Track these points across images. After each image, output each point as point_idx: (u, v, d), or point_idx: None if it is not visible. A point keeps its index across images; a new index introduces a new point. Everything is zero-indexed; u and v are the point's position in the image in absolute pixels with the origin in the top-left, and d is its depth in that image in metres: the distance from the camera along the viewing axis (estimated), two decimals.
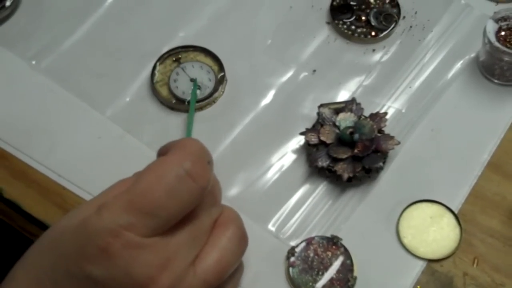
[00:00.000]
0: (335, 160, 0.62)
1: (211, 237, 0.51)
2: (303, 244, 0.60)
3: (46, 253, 0.51)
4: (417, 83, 0.68)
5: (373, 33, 0.70)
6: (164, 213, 0.47)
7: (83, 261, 0.47)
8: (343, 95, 0.68)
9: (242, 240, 0.53)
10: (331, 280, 0.58)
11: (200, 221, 0.51)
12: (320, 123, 0.64)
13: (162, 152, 0.53)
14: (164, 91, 0.67)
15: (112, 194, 0.49)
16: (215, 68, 0.68)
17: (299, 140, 0.65)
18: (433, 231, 0.60)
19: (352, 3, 0.71)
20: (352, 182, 0.62)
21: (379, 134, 0.63)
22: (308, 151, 0.64)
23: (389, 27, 0.70)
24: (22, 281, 0.51)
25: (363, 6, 0.71)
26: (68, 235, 0.49)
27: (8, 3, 0.71)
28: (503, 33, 0.65)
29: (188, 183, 0.48)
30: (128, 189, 0.48)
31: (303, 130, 0.64)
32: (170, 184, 0.48)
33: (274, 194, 0.63)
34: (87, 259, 0.47)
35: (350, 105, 0.64)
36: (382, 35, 0.70)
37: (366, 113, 0.64)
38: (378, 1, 0.72)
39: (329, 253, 0.60)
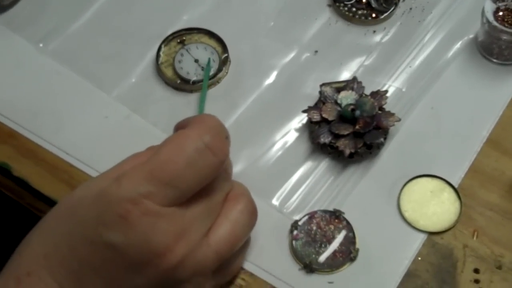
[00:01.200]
0: (337, 137, 0.62)
1: (223, 210, 0.53)
2: (306, 217, 0.61)
3: (63, 220, 0.51)
4: (417, 62, 0.69)
5: (373, 15, 0.71)
6: (183, 184, 0.49)
7: (102, 227, 0.48)
8: (344, 75, 0.68)
9: (252, 214, 0.55)
10: (334, 252, 0.59)
11: (214, 194, 0.52)
12: (322, 101, 0.65)
13: (180, 126, 0.54)
14: (169, 72, 0.68)
15: (128, 166, 0.50)
16: (219, 49, 0.69)
17: (302, 118, 0.66)
18: (433, 205, 0.61)
19: None
20: (353, 158, 0.63)
21: (380, 111, 0.63)
22: (311, 128, 0.65)
23: (390, 9, 0.71)
24: (38, 246, 0.52)
25: None
26: (87, 203, 0.50)
27: None
28: (501, 13, 0.66)
29: (207, 156, 0.49)
30: (148, 160, 0.49)
31: (306, 108, 0.64)
32: (190, 156, 0.49)
33: (277, 170, 0.63)
34: (106, 225, 0.48)
35: (351, 83, 0.65)
36: (382, 17, 0.71)
37: (367, 91, 0.65)
38: None
39: (332, 226, 0.60)
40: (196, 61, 0.68)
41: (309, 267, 0.58)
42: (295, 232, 0.60)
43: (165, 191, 0.48)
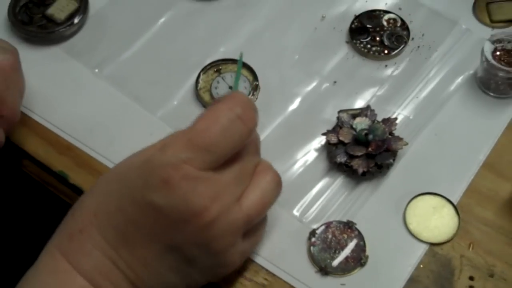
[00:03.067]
0: (352, 157, 0.63)
1: (253, 180, 0.53)
2: (323, 227, 0.61)
3: (113, 183, 0.53)
4: (423, 94, 0.69)
5: (386, 52, 0.72)
6: (218, 150, 0.50)
7: (147, 190, 0.49)
8: (359, 103, 0.69)
9: (278, 184, 0.55)
10: (346, 258, 0.60)
11: (245, 164, 0.53)
12: (339, 125, 0.66)
13: (215, 102, 0.54)
14: (206, 97, 0.69)
15: (170, 139, 0.52)
16: (250, 78, 0.70)
17: (321, 140, 0.67)
18: (435, 219, 0.61)
19: (368, 26, 0.73)
20: (365, 176, 0.64)
21: (390, 136, 0.64)
22: (328, 149, 0.65)
23: (400, 46, 0.72)
24: (89, 206, 0.53)
25: (378, 29, 0.73)
26: (134, 169, 0.51)
27: (76, 21, 0.73)
28: (498, 53, 0.67)
29: (239, 125, 0.50)
30: (187, 130, 0.50)
31: (325, 131, 0.65)
32: (224, 125, 0.50)
33: (298, 184, 0.64)
34: (151, 188, 0.49)
35: (365, 111, 0.66)
36: (393, 53, 0.72)
37: (379, 118, 0.66)
38: (390, 25, 0.73)
39: (345, 235, 0.61)
40: (231, 87, 0.69)
41: (324, 270, 0.59)
42: (312, 239, 0.61)
43: (202, 156, 0.49)
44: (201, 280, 0.55)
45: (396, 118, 0.66)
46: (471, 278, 0.59)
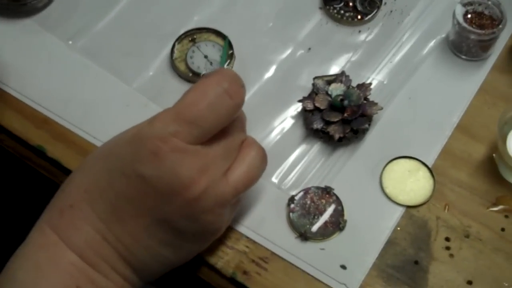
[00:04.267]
0: (328, 123, 0.62)
1: (239, 155, 0.52)
2: (301, 193, 0.60)
3: (102, 159, 0.51)
4: (397, 59, 0.67)
5: (359, 17, 0.70)
6: (206, 124, 0.48)
7: (136, 163, 0.48)
8: (334, 69, 0.67)
9: (263, 159, 0.54)
10: (325, 223, 0.59)
11: (232, 139, 0.52)
12: (315, 92, 0.64)
13: (203, 78, 0.53)
14: (182, 66, 0.67)
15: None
16: (225, 47, 0.68)
17: (297, 107, 0.65)
18: (410, 182, 0.60)
19: None
20: (342, 142, 0.62)
21: (365, 101, 0.63)
22: (305, 115, 0.64)
23: (373, 11, 0.70)
24: (79, 182, 0.52)
25: None
26: (123, 143, 0.50)
27: None
28: (469, 16, 0.65)
29: (226, 100, 0.49)
30: (175, 104, 0.49)
31: (301, 98, 0.64)
32: (211, 99, 0.48)
33: (276, 152, 0.63)
34: (140, 161, 0.48)
35: (340, 77, 0.64)
36: (367, 18, 0.70)
37: (354, 84, 0.64)
38: None
39: (323, 201, 0.60)
40: (206, 56, 0.67)
41: (304, 236, 0.58)
42: (291, 205, 0.59)
43: (190, 130, 0.48)
44: (193, 250, 0.54)
45: (370, 83, 0.64)
46: (447, 239, 0.58)
